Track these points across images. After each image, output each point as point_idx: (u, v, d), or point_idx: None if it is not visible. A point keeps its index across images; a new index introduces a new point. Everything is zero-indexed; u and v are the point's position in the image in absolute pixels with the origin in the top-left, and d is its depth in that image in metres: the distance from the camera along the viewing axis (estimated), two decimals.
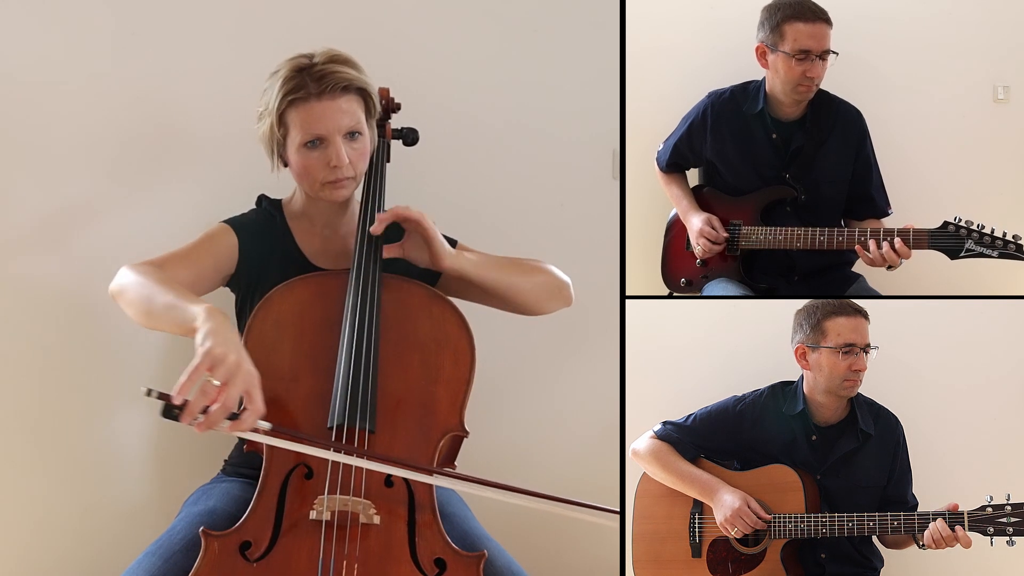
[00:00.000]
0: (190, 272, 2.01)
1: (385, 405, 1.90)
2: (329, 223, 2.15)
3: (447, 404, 1.94)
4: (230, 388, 1.67)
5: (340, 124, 1.99)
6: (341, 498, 1.79)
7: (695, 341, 2.54)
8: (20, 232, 2.46)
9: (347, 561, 1.76)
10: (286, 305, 1.98)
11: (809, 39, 2.31)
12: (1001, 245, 2.24)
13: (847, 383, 2.24)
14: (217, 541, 1.78)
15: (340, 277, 2.01)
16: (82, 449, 2.52)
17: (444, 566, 1.81)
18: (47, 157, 2.47)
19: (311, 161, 2.01)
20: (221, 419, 1.67)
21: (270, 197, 2.20)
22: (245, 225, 2.13)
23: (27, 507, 2.50)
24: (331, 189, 2.04)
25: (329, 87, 1.97)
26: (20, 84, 2.46)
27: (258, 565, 1.77)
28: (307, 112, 1.98)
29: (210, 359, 1.67)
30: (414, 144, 2.27)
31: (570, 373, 2.65)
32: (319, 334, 1.94)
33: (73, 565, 2.50)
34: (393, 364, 1.94)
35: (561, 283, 2.14)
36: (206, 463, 2.26)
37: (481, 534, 2.01)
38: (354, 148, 2.03)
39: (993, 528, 2.08)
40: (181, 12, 2.50)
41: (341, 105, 1.99)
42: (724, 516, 2.22)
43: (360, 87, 2.03)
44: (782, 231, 2.37)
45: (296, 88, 1.98)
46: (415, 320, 1.99)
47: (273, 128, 2.02)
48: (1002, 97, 2.58)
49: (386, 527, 1.81)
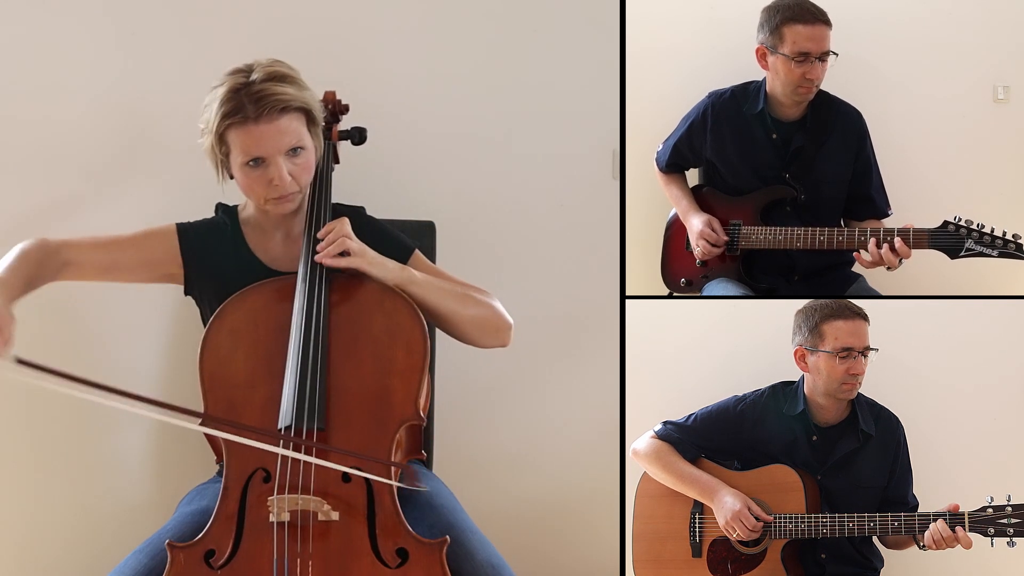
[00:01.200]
0: (104, 257, 2.07)
1: (338, 401, 1.91)
2: (280, 226, 2.15)
3: (402, 395, 1.94)
4: None
5: (280, 145, 1.98)
6: (291, 497, 1.79)
7: (695, 341, 2.54)
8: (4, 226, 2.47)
9: (301, 560, 1.77)
10: (239, 314, 2.00)
11: (808, 41, 2.31)
12: (1001, 244, 2.24)
13: (845, 386, 2.24)
14: (183, 552, 1.80)
15: (292, 282, 2.02)
16: (80, 449, 2.52)
17: (407, 555, 1.81)
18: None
19: (253, 179, 2.01)
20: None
21: (227, 205, 2.20)
22: (193, 231, 2.14)
23: (25, 507, 2.50)
24: (275, 204, 2.04)
25: (267, 110, 1.94)
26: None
27: (222, 572, 1.78)
28: (246, 135, 1.96)
29: None
30: (363, 143, 2.25)
31: (570, 373, 2.65)
32: (273, 340, 1.95)
33: (71, 564, 2.50)
34: (344, 360, 1.94)
35: (501, 323, 2.11)
36: (203, 463, 2.26)
37: (466, 527, 2.00)
38: (296, 164, 2.01)
39: (994, 529, 2.08)
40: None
41: (280, 126, 1.97)
42: (725, 518, 2.22)
43: (299, 106, 2.00)
44: (782, 231, 2.37)
45: (234, 111, 1.95)
46: (368, 316, 2.00)
47: (214, 146, 2.01)
48: (1002, 97, 2.58)
49: (345, 523, 1.82)
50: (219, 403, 1.92)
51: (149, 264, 2.11)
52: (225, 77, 2.00)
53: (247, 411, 1.91)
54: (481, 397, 2.60)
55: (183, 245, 2.12)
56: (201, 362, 1.95)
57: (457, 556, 1.88)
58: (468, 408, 2.56)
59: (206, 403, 1.92)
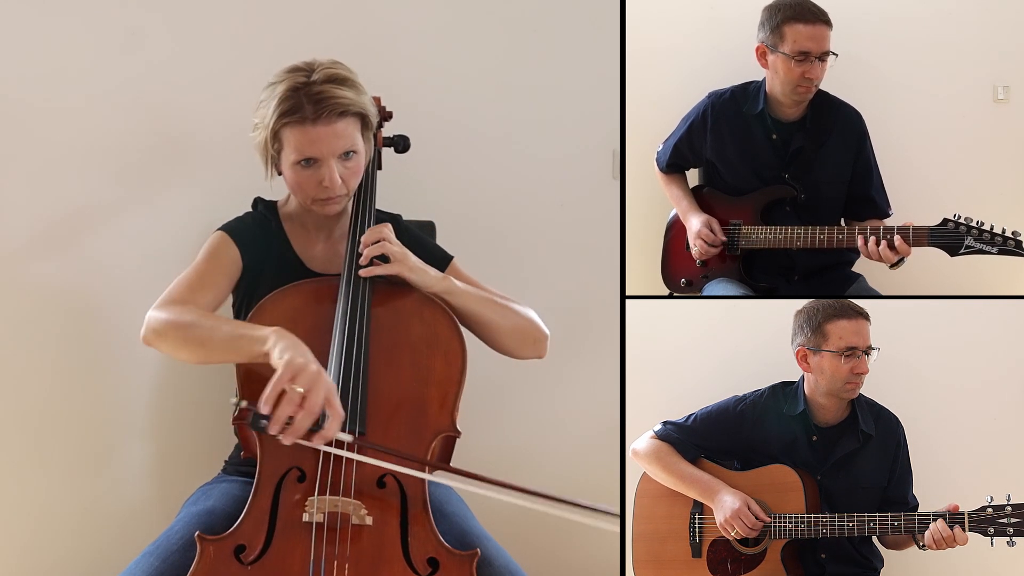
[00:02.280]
0: (209, 295, 2.02)
1: (376, 408, 1.91)
2: (323, 227, 2.15)
3: (438, 405, 1.95)
4: (312, 395, 1.70)
5: (335, 148, 1.98)
6: (331, 499, 1.80)
7: (695, 341, 2.54)
8: (22, 235, 2.47)
9: (338, 562, 1.77)
10: (278, 312, 1.99)
11: (809, 40, 2.31)
12: (1000, 241, 2.24)
13: (849, 386, 2.24)
14: (212, 545, 1.80)
15: (332, 284, 2.02)
16: (83, 449, 2.52)
17: (437, 565, 1.82)
18: (50, 162, 2.47)
19: (303, 179, 2.01)
20: (306, 426, 1.71)
21: (265, 200, 2.20)
22: (242, 232, 2.13)
23: (28, 507, 2.50)
24: (322, 205, 2.05)
25: (325, 112, 1.95)
26: (23, 89, 2.46)
27: (252, 568, 1.78)
28: (302, 134, 1.96)
29: (292, 369, 1.71)
30: (405, 151, 2.27)
31: (570, 373, 2.66)
32: (311, 340, 1.94)
33: (73, 565, 2.50)
34: (384, 367, 1.95)
35: (539, 334, 2.14)
36: (206, 463, 2.26)
37: (480, 533, 2.01)
38: (347, 167, 2.02)
39: (993, 529, 2.08)
40: (183, 17, 2.50)
41: (337, 129, 1.97)
42: (724, 517, 2.22)
43: (357, 111, 2.01)
44: (782, 230, 2.37)
45: (292, 110, 1.95)
46: (406, 323, 2.00)
47: (267, 142, 2.01)
48: (1002, 97, 2.58)
49: (378, 528, 1.82)
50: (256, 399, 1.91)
51: (231, 281, 2.09)
52: (284, 75, 1.99)
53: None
54: (481, 397, 2.59)
55: (242, 250, 2.10)
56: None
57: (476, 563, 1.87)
58: (468, 408, 2.55)
59: (242, 398, 1.90)
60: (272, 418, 1.69)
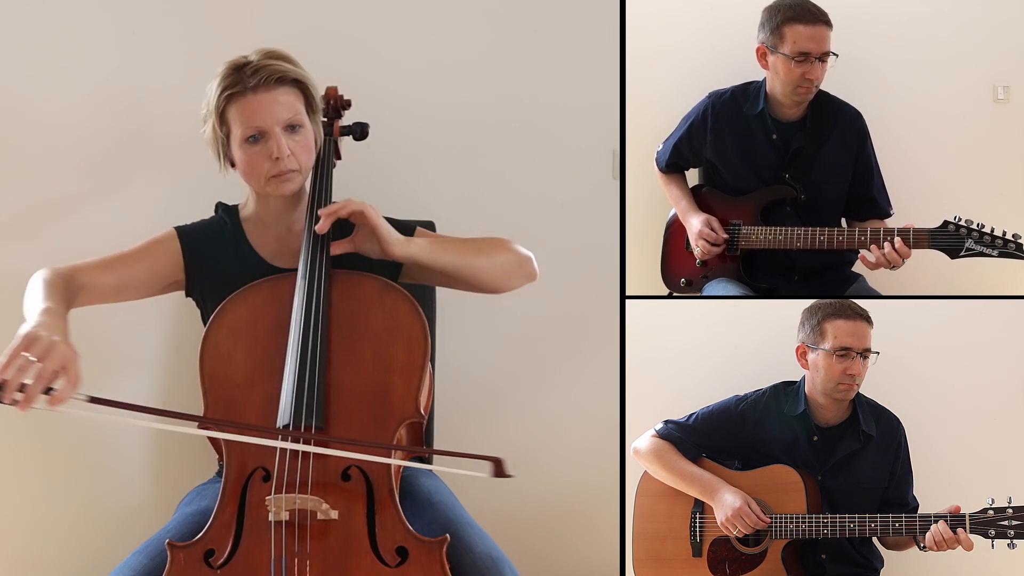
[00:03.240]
0: (114, 277, 2.05)
1: (338, 399, 1.91)
2: (281, 221, 2.15)
3: (402, 392, 1.94)
4: (46, 362, 1.70)
5: (278, 116, 2.01)
6: (289, 496, 1.79)
7: (695, 341, 2.54)
8: (13, 225, 2.47)
9: (300, 559, 1.76)
10: (239, 312, 2.00)
11: (809, 41, 2.31)
12: (1001, 244, 2.24)
13: (841, 386, 2.24)
14: (182, 552, 1.80)
15: (292, 280, 2.02)
16: (80, 449, 2.51)
17: (406, 554, 1.80)
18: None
19: (253, 156, 2.03)
20: (37, 393, 1.69)
21: (227, 204, 2.20)
22: (193, 233, 2.14)
23: (25, 507, 2.50)
24: (276, 183, 2.05)
25: (264, 79, 2.00)
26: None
27: (222, 571, 1.78)
28: (245, 106, 2.01)
29: (26, 340, 1.72)
30: (364, 138, 2.26)
31: (570, 373, 2.65)
32: (273, 338, 1.95)
33: (70, 565, 2.50)
34: (344, 358, 1.94)
35: (522, 258, 2.11)
36: (203, 464, 2.26)
37: (465, 521, 2.01)
38: (295, 140, 2.04)
39: (994, 531, 2.08)
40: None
41: (278, 97, 2.02)
42: (725, 516, 2.23)
43: (296, 78, 2.05)
44: (782, 231, 2.37)
45: (233, 83, 2.01)
46: (367, 312, 2.00)
47: (215, 128, 2.05)
48: (1002, 97, 2.58)
49: (344, 521, 1.81)
50: (219, 402, 1.92)
51: (157, 276, 2.11)
52: (224, 64, 2.05)
53: (246, 410, 1.91)
54: (481, 396, 2.60)
55: (184, 248, 2.12)
56: (201, 361, 1.95)
57: (456, 550, 1.87)
58: (468, 408, 2.56)
59: (206, 402, 1.93)
60: (4, 388, 1.68)
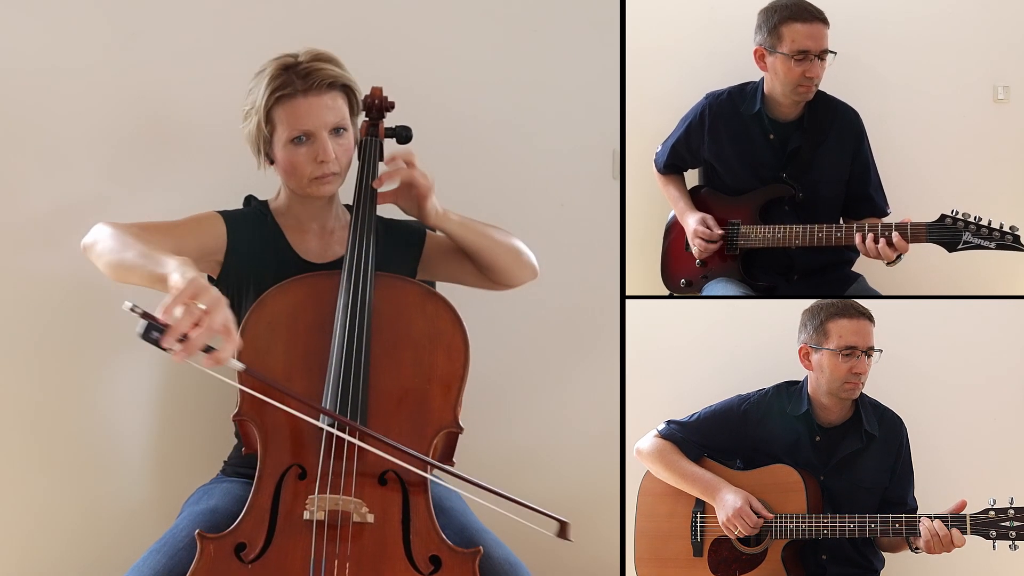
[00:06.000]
0: (169, 243, 1.96)
1: (377, 403, 1.91)
2: (315, 219, 2.16)
3: (441, 401, 1.95)
4: (214, 314, 1.63)
5: (326, 120, 2.04)
6: (332, 497, 1.79)
7: (695, 341, 2.54)
8: (20, 228, 2.46)
9: (339, 560, 1.76)
10: (279, 306, 1.99)
11: (807, 39, 2.31)
12: (999, 236, 2.24)
13: (847, 385, 2.24)
14: (213, 543, 1.79)
15: (333, 278, 2.02)
16: (82, 449, 2.51)
17: (440, 563, 1.81)
18: (48, 155, 2.47)
19: (298, 157, 2.05)
20: (201, 345, 1.61)
21: (257, 198, 2.21)
22: (236, 218, 2.14)
23: (27, 507, 2.49)
24: (318, 185, 2.07)
25: (315, 83, 2.02)
26: (21, 82, 2.45)
27: (253, 566, 1.77)
28: (294, 108, 2.02)
29: (193, 287, 1.64)
30: (408, 141, 2.27)
31: (570, 373, 2.65)
32: (312, 335, 1.94)
33: (73, 565, 2.49)
34: (385, 362, 1.94)
35: (529, 253, 2.19)
36: (206, 463, 2.26)
37: (479, 528, 2.01)
38: (339, 144, 2.07)
39: (996, 532, 2.08)
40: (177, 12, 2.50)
41: (326, 101, 2.04)
42: (726, 516, 2.22)
43: (344, 84, 2.08)
44: (780, 229, 2.37)
45: (283, 85, 2.02)
46: (408, 318, 2.00)
47: (260, 126, 2.05)
48: (1002, 97, 2.58)
49: (380, 525, 1.81)
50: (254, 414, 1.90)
51: (202, 251, 2.07)
52: (271, 61, 2.06)
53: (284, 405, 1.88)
54: (481, 397, 2.59)
55: (229, 230, 2.12)
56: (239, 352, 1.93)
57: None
58: (468, 408, 2.55)
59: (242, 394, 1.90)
60: (168, 330, 1.60)
